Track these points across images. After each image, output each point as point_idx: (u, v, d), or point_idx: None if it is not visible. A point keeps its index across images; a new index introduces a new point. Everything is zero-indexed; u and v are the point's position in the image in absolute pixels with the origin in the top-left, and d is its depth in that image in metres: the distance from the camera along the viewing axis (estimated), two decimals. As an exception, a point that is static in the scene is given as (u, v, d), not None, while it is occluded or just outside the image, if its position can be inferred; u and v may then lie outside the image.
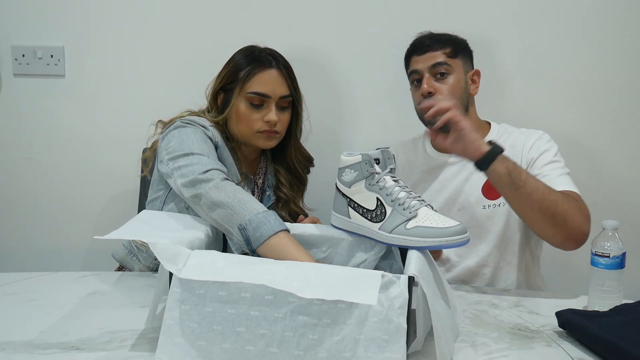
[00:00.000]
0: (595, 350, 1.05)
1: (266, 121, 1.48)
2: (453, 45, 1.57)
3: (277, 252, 1.15)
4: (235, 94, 1.49)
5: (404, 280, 0.95)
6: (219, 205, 1.22)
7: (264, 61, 1.50)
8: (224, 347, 0.94)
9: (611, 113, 1.88)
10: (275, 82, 1.49)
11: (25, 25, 1.95)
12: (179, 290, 0.96)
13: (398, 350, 0.92)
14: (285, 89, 1.51)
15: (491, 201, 1.54)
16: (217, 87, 1.53)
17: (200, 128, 1.42)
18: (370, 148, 1.20)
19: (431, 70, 1.55)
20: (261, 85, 1.48)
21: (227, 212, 1.21)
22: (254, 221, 1.18)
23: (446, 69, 1.55)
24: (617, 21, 1.84)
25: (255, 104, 1.48)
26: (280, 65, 1.51)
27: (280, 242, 1.16)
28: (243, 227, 1.19)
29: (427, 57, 1.56)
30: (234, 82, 1.50)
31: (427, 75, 1.55)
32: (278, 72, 1.50)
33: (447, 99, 1.43)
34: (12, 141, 2.01)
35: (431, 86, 1.54)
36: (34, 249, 2.02)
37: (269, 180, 1.62)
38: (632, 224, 1.81)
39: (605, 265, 1.19)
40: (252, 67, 1.49)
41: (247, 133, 1.50)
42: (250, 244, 1.18)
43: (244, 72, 1.49)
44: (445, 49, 1.56)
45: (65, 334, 1.07)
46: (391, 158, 1.17)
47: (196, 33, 1.93)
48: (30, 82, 1.98)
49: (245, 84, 1.48)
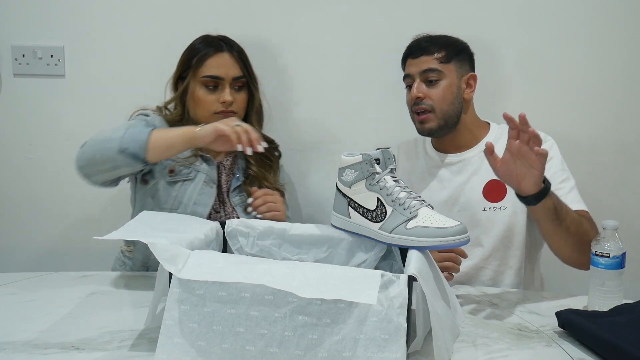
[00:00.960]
0: (595, 350, 1.05)
1: (221, 102, 1.57)
2: (448, 49, 1.56)
3: (162, 142, 1.35)
4: (191, 80, 1.58)
5: (404, 280, 0.95)
6: (91, 150, 1.37)
7: (215, 46, 1.59)
8: (223, 347, 0.94)
9: (611, 113, 1.88)
10: (227, 64, 1.58)
11: (25, 25, 1.95)
12: (179, 290, 0.96)
13: (398, 349, 0.92)
14: (238, 71, 1.60)
15: (492, 203, 1.54)
16: (176, 76, 1.62)
17: (140, 116, 1.55)
18: (370, 148, 1.20)
19: (422, 75, 1.55)
20: (214, 69, 1.57)
21: (101, 149, 1.36)
22: (127, 138, 1.34)
23: (437, 75, 1.54)
24: (617, 22, 1.84)
25: (210, 87, 1.57)
26: (232, 49, 1.61)
27: (158, 134, 1.36)
28: (123, 149, 1.34)
29: (420, 62, 1.56)
30: (188, 69, 1.59)
31: (417, 81, 1.55)
32: (229, 55, 1.60)
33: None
34: (12, 141, 2.01)
35: (420, 91, 1.54)
36: (34, 249, 2.02)
37: (238, 164, 1.65)
38: (632, 224, 1.81)
39: (605, 265, 1.19)
40: (204, 52, 1.58)
41: (205, 116, 1.57)
42: (138, 157, 1.34)
43: (197, 58, 1.58)
44: (438, 54, 1.55)
45: (65, 334, 1.08)
46: (391, 158, 1.17)
47: (196, 33, 1.92)
48: (30, 82, 1.98)
49: (199, 69, 1.57)
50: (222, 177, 1.62)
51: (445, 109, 1.54)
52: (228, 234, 1.25)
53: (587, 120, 1.88)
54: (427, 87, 1.55)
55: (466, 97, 1.58)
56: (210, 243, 1.19)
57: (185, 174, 1.56)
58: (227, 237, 1.25)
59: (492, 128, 1.64)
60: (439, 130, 1.56)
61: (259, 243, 1.24)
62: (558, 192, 1.39)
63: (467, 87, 1.59)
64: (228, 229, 1.25)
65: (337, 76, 1.94)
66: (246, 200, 1.59)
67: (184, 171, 1.56)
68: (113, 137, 1.36)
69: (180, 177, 1.55)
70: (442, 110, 1.54)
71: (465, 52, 1.61)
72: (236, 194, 1.62)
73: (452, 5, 1.87)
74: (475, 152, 1.59)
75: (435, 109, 1.54)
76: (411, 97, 1.56)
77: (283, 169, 1.78)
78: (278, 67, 1.95)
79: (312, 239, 1.23)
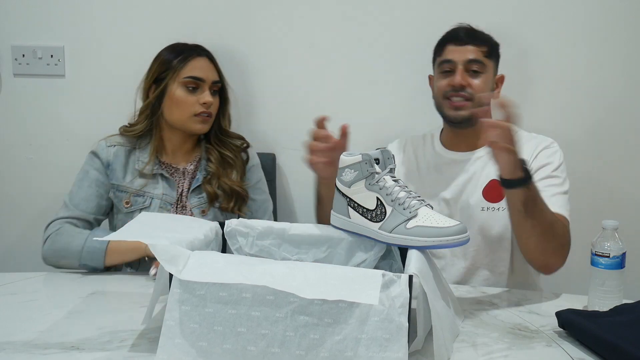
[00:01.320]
0: (595, 350, 1.05)
1: (202, 103, 1.60)
2: (490, 44, 1.56)
3: (117, 257, 1.46)
4: (170, 81, 1.60)
5: (405, 280, 0.95)
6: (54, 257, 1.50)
7: (194, 50, 1.64)
8: (225, 348, 0.94)
9: (611, 113, 1.88)
10: (207, 68, 1.64)
11: (25, 25, 1.95)
12: (179, 291, 0.96)
13: (399, 349, 0.92)
14: (216, 75, 1.66)
15: (491, 204, 1.54)
16: (150, 81, 1.63)
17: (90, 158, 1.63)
18: (370, 148, 1.20)
19: (466, 64, 1.53)
20: (196, 70, 1.61)
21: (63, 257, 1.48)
22: (85, 256, 1.45)
23: (480, 67, 1.53)
24: (617, 22, 1.84)
25: (190, 88, 1.60)
26: (208, 54, 1.66)
27: (113, 250, 1.45)
28: (82, 264, 1.46)
29: (465, 50, 1.53)
30: (167, 71, 1.61)
31: (460, 68, 1.53)
32: (208, 59, 1.65)
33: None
34: (12, 141, 2.01)
35: (466, 80, 1.52)
36: (34, 249, 2.01)
37: (201, 166, 1.67)
38: (632, 224, 1.80)
39: (605, 265, 1.19)
40: (184, 55, 1.62)
41: (183, 118, 1.61)
42: (97, 268, 1.46)
43: (177, 60, 1.61)
44: (483, 47, 1.54)
45: (65, 334, 1.07)
46: (391, 158, 1.17)
47: (196, 33, 1.92)
48: (30, 82, 1.98)
49: (180, 70, 1.60)
50: (184, 183, 1.65)
51: (481, 102, 1.50)
52: (227, 234, 1.25)
53: (587, 120, 1.88)
54: (469, 77, 1.53)
55: (494, 97, 1.53)
56: (210, 243, 1.19)
57: (141, 202, 1.61)
58: (226, 237, 1.25)
59: None
60: (469, 120, 1.53)
61: (259, 243, 1.24)
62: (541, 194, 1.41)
63: (496, 88, 1.59)
64: (227, 229, 1.25)
65: (337, 76, 1.94)
66: (204, 203, 1.63)
67: (139, 200, 1.61)
68: (72, 250, 1.47)
69: (137, 207, 1.61)
70: (479, 102, 1.50)
71: (499, 53, 1.61)
72: (195, 195, 1.64)
73: (452, 5, 1.86)
74: (484, 152, 1.57)
75: (474, 99, 1.52)
76: (454, 83, 1.52)
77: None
78: (278, 67, 1.95)
79: (311, 238, 1.23)
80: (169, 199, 1.62)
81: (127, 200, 1.61)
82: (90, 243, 1.46)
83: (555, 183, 1.48)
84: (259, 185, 1.74)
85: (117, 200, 1.62)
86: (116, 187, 1.62)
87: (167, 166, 1.66)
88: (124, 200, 1.61)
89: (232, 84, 1.74)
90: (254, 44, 1.94)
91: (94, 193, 1.60)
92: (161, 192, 1.62)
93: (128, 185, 1.61)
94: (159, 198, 1.61)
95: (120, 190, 1.61)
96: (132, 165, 1.63)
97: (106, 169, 1.62)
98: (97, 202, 1.60)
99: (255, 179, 1.73)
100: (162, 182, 1.63)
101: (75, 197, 1.59)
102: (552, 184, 1.48)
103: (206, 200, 1.63)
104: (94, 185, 1.60)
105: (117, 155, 1.62)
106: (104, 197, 1.62)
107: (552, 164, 1.51)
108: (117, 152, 1.63)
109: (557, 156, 1.53)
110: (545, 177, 1.48)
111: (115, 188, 1.62)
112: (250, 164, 1.72)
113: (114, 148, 1.63)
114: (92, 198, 1.60)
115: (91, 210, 1.59)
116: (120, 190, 1.61)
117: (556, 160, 1.52)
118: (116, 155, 1.62)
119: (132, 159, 1.63)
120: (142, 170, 1.61)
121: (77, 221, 1.56)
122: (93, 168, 1.62)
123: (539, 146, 1.54)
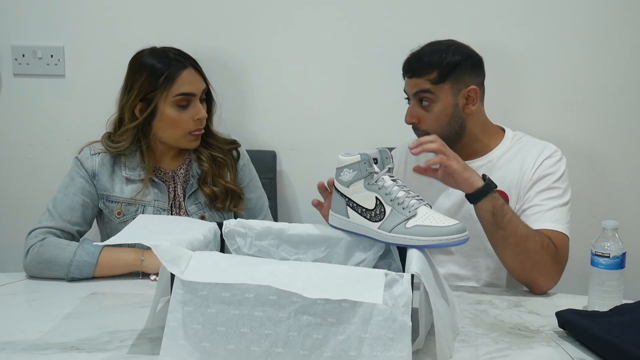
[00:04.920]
0: (595, 350, 1.05)
1: (197, 119, 1.55)
2: (440, 68, 1.47)
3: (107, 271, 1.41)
4: (160, 101, 1.53)
5: (408, 279, 0.95)
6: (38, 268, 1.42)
7: (178, 62, 1.54)
8: (228, 348, 0.94)
9: (611, 113, 1.88)
10: (195, 79, 1.55)
11: (25, 25, 1.95)
12: (182, 291, 0.96)
13: (403, 348, 0.92)
14: (203, 83, 1.57)
15: None
16: (135, 99, 1.54)
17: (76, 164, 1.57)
18: (369, 148, 1.20)
19: (415, 96, 1.51)
20: (185, 86, 1.53)
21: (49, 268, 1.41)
22: (73, 269, 1.39)
23: (429, 97, 1.48)
24: (619, 23, 1.84)
25: (182, 105, 1.53)
26: (192, 62, 1.57)
27: (103, 264, 1.40)
28: (70, 277, 1.39)
29: (412, 83, 1.51)
30: (155, 91, 1.52)
31: (412, 102, 1.52)
32: (193, 69, 1.56)
33: (432, 137, 1.37)
34: (12, 141, 2.01)
35: (414, 116, 1.51)
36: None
37: (193, 170, 1.64)
38: (632, 224, 1.81)
39: (605, 265, 1.19)
40: (170, 71, 1.52)
41: (177, 136, 1.56)
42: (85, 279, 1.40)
43: (164, 78, 1.52)
44: (430, 75, 1.47)
45: (65, 334, 1.07)
46: (389, 158, 1.17)
47: (195, 32, 1.93)
48: (30, 82, 1.98)
49: (170, 88, 1.52)
50: (177, 188, 1.61)
51: (441, 131, 1.47)
52: (226, 235, 1.24)
53: (587, 121, 1.88)
54: (421, 109, 1.50)
55: (467, 112, 1.50)
56: (209, 244, 1.18)
57: (133, 211, 1.57)
58: (225, 238, 1.24)
59: (506, 136, 1.58)
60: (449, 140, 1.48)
61: (257, 243, 1.23)
62: (538, 208, 1.43)
63: (468, 101, 1.50)
64: (226, 230, 1.24)
65: (337, 76, 1.94)
66: (202, 209, 1.61)
67: (131, 209, 1.57)
68: (59, 263, 1.40)
69: (129, 217, 1.56)
70: (437, 133, 1.45)
71: (465, 64, 1.49)
72: (192, 202, 1.61)
73: (452, 6, 1.86)
74: (484, 161, 1.55)
75: (430, 133, 1.46)
76: (405, 121, 1.53)
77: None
78: (277, 67, 1.95)
79: (310, 238, 1.23)
80: (161, 204, 1.58)
81: (119, 210, 1.56)
82: (80, 257, 1.40)
83: (554, 195, 1.46)
84: (252, 182, 1.71)
85: (109, 211, 1.57)
86: (106, 198, 1.57)
87: (155, 170, 1.60)
88: (116, 211, 1.56)
89: (232, 83, 1.75)
90: (254, 44, 1.94)
91: (79, 202, 1.54)
92: (152, 199, 1.58)
93: (118, 194, 1.56)
94: (151, 205, 1.57)
95: (110, 201, 1.57)
96: (120, 172, 1.58)
97: (92, 179, 1.56)
98: (82, 212, 1.54)
99: (248, 178, 1.70)
100: (152, 187, 1.58)
101: (60, 205, 1.53)
102: (551, 197, 1.46)
103: (204, 205, 1.60)
104: (79, 194, 1.54)
105: (103, 164, 1.57)
106: (89, 206, 1.56)
107: (554, 174, 1.49)
108: (103, 160, 1.57)
109: (560, 166, 1.51)
110: (545, 188, 1.47)
111: (104, 198, 1.57)
112: (241, 162, 1.69)
113: (98, 156, 1.57)
114: (77, 207, 1.54)
115: (75, 220, 1.53)
116: (110, 200, 1.57)
117: (558, 171, 1.50)
118: (102, 163, 1.57)
119: (119, 166, 1.58)
120: (130, 177, 1.57)
121: (60, 232, 1.49)
122: (79, 176, 1.56)
123: (542, 154, 1.51)
